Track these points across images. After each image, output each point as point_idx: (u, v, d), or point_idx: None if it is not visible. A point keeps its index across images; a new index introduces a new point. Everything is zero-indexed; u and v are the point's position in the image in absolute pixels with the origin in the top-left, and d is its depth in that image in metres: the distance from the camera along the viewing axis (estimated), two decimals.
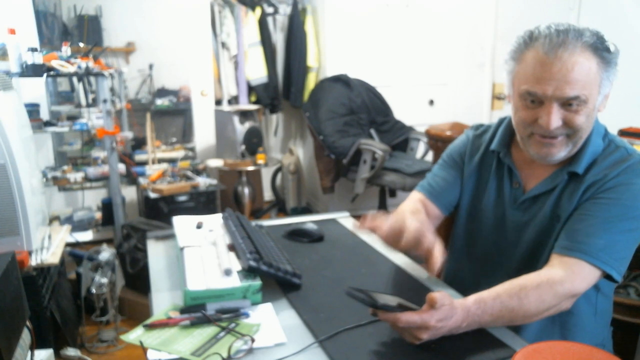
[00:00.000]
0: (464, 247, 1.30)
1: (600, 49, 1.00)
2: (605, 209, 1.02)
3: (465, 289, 1.05)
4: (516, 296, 0.95)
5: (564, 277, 0.98)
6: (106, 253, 2.46)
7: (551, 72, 0.98)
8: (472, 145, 1.27)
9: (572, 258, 1.00)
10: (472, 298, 0.95)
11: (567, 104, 1.00)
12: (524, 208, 1.15)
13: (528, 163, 1.16)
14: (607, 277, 1.02)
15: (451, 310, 0.89)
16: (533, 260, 1.13)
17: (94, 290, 2.30)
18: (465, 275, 1.30)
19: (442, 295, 0.89)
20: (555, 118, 1.01)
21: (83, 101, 3.52)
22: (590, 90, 1.00)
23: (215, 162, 3.54)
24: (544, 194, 1.12)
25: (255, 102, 4.03)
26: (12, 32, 2.32)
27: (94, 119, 3.07)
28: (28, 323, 1.35)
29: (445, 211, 1.28)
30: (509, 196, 1.18)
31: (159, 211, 3.11)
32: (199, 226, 1.38)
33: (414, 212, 1.20)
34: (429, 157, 3.63)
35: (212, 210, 3.22)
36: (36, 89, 3.35)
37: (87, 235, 3.42)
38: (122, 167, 3.15)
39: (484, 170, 1.24)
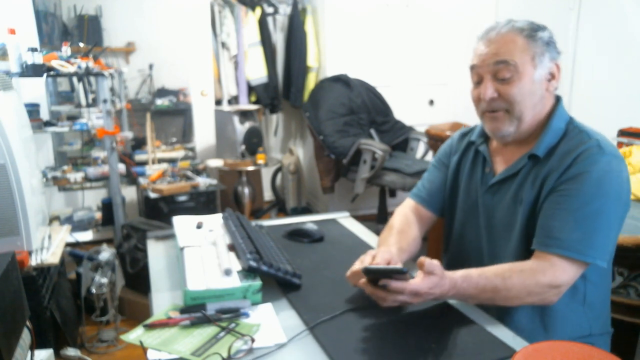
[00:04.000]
0: (446, 236, 1.38)
1: (526, 29, 1.12)
2: (573, 200, 1.06)
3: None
4: (500, 276, 1.04)
5: (546, 269, 1.04)
6: (106, 253, 2.46)
7: (485, 50, 1.14)
8: (457, 144, 1.36)
9: (551, 255, 1.05)
10: (460, 272, 1.04)
11: (500, 76, 1.11)
12: (492, 192, 1.22)
13: (500, 151, 1.24)
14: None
15: (441, 279, 0.99)
16: (502, 243, 1.19)
17: (94, 290, 2.30)
18: (447, 263, 1.38)
19: (433, 262, 0.98)
20: (489, 89, 1.12)
21: (83, 101, 3.52)
22: (520, 59, 1.10)
23: (215, 162, 3.54)
24: (510, 177, 1.19)
25: (255, 102, 4.03)
26: (12, 32, 2.32)
27: (94, 119, 3.06)
28: (28, 323, 1.35)
29: (438, 213, 1.37)
30: (481, 181, 1.26)
31: (159, 211, 3.11)
32: (199, 226, 1.38)
33: (401, 231, 1.29)
34: (429, 157, 3.63)
35: (212, 210, 3.22)
36: (36, 89, 3.34)
37: (87, 235, 3.42)
38: (122, 167, 3.15)
39: (463, 162, 1.33)
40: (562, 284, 1.04)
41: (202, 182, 3.21)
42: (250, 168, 3.50)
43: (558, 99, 1.19)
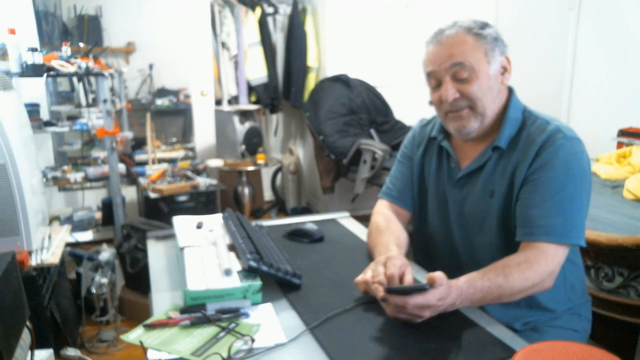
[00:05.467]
0: (420, 232, 1.39)
1: (473, 28, 1.16)
2: (545, 187, 1.10)
3: (427, 268, 1.12)
4: (502, 274, 1.05)
5: (538, 257, 1.08)
6: (106, 253, 2.46)
7: (438, 53, 1.17)
8: (418, 137, 1.39)
9: (538, 242, 1.09)
10: (463, 278, 1.03)
11: (458, 77, 1.14)
12: (460, 185, 1.25)
13: (462, 145, 1.27)
14: (575, 245, 1.14)
15: (448, 289, 0.98)
16: (476, 235, 1.22)
17: (94, 290, 2.30)
18: (421, 256, 1.39)
19: (439, 275, 0.97)
20: (450, 90, 1.15)
21: (83, 101, 3.52)
22: (474, 58, 1.13)
23: (215, 162, 3.54)
24: (476, 170, 1.22)
25: (255, 102, 4.03)
26: (12, 32, 2.32)
27: (94, 119, 3.06)
28: (28, 323, 1.35)
29: (411, 209, 1.38)
30: (447, 176, 1.29)
31: (159, 211, 3.11)
32: (199, 226, 1.38)
33: (389, 230, 1.28)
34: None
35: (212, 210, 3.22)
36: (36, 89, 3.34)
37: (87, 235, 3.42)
38: (122, 167, 3.15)
39: (427, 157, 1.35)
40: (555, 268, 1.09)
41: (202, 182, 3.21)
42: (250, 168, 3.50)
43: (511, 90, 1.23)
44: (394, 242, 1.22)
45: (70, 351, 2.18)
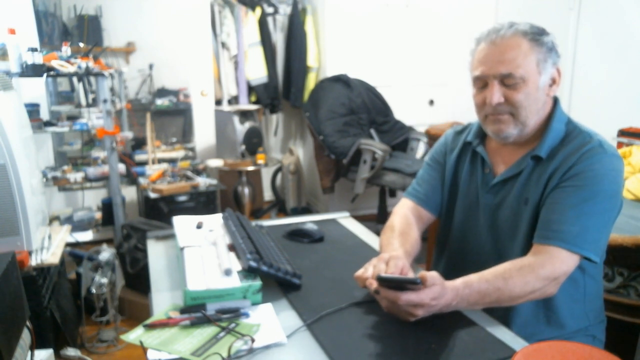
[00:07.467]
0: (444, 236, 1.37)
1: (529, 33, 1.12)
2: (573, 196, 1.09)
3: (446, 275, 1.09)
4: (501, 277, 1.04)
5: (545, 262, 1.06)
6: (106, 253, 2.46)
7: (489, 55, 1.13)
8: (451, 143, 1.36)
9: (550, 246, 1.07)
10: (461, 280, 1.03)
11: (506, 83, 1.12)
12: (494, 192, 1.23)
13: (498, 151, 1.25)
14: (586, 258, 1.09)
15: (443, 289, 0.98)
16: (508, 243, 1.20)
17: (94, 290, 2.30)
18: (446, 262, 1.37)
19: (433, 274, 0.97)
20: (496, 94, 1.13)
21: (83, 101, 3.52)
22: (526, 68, 1.11)
23: (215, 162, 3.54)
24: (512, 177, 1.20)
25: (255, 102, 4.03)
26: (12, 32, 2.32)
27: (94, 119, 3.06)
28: (28, 323, 1.35)
29: (435, 213, 1.36)
30: (481, 181, 1.26)
31: (159, 211, 3.11)
32: (199, 226, 1.38)
33: (403, 233, 1.26)
34: None
35: (212, 210, 3.22)
36: (36, 89, 3.34)
37: (87, 235, 3.42)
38: (122, 167, 3.15)
39: (460, 162, 1.33)
40: (560, 275, 1.07)
41: (202, 182, 3.21)
42: (250, 168, 3.50)
43: (555, 100, 1.21)
44: (404, 248, 1.21)
45: (70, 351, 2.18)
